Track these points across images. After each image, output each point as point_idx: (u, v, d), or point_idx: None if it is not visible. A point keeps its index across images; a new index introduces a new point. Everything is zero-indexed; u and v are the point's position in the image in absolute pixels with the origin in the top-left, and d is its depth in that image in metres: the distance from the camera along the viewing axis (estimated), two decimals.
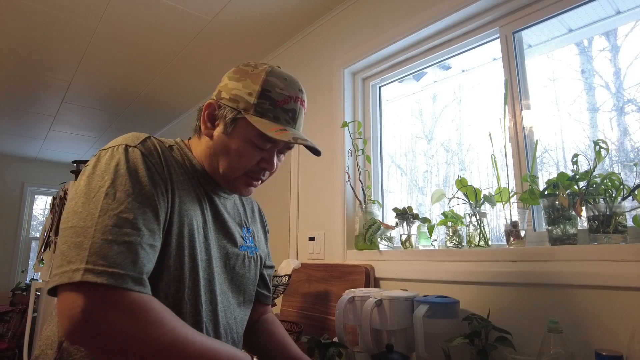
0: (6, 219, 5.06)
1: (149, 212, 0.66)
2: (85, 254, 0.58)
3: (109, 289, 0.57)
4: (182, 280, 0.72)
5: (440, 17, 1.49)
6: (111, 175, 0.66)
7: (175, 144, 0.84)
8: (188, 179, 0.80)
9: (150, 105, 3.35)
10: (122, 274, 0.58)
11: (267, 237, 1.08)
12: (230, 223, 0.88)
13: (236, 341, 0.85)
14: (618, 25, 1.26)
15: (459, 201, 1.37)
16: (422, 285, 1.36)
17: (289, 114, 0.80)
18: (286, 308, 1.76)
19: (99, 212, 0.62)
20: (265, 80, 0.78)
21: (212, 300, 0.78)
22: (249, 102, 0.77)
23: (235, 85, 0.80)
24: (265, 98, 0.77)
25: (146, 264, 0.63)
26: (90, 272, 0.57)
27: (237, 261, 0.87)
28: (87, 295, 0.56)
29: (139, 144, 0.72)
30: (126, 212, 0.63)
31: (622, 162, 1.20)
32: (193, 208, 0.77)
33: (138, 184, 0.67)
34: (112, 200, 0.63)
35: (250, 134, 0.78)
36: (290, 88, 0.80)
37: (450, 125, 1.79)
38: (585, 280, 0.99)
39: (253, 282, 0.93)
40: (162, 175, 0.72)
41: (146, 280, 0.63)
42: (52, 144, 4.54)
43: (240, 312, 0.88)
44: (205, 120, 0.82)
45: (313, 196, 1.97)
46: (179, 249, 0.72)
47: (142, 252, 0.62)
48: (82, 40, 2.30)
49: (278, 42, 2.34)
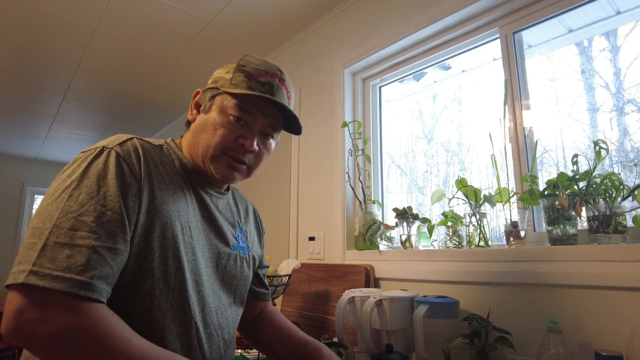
0: (6, 219, 5.07)
1: (111, 214, 0.64)
2: (34, 255, 0.58)
3: (49, 292, 0.56)
4: (167, 282, 0.71)
5: (440, 17, 1.49)
6: (79, 177, 0.66)
7: (165, 144, 0.84)
8: (176, 178, 0.79)
9: (150, 105, 3.35)
10: (66, 278, 0.57)
11: (261, 238, 1.07)
12: (222, 222, 0.87)
13: (227, 341, 0.84)
14: (618, 25, 1.26)
15: (459, 201, 1.37)
16: (422, 285, 1.36)
17: (265, 86, 0.80)
18: (286, 308, 1.76)
19: (58, 214, 0.61)
20: (241, 59, 0.82)
21: (201, 301, 0.77)
22: (226, 79, 0.81)
23: (218, 71, 0.85)
24: (240, 72, 0.80)
25: (99, 267, 0.61)
26: (35, 274, 0.56)
27: (229, 261, 0.86)
28: (25, 296, 0.56)
29: (117, 145, 0.71)
30: (85, 214, 0.62)
31: (622, 163, 1.20)
32: (177, 208, 0.76)
33: (104, 185, 0.66)
34: (74, 202, 0.63)
35: (227, 106, 0.79)
36: (267, 66, 0.82)
37: (450, 125, 1.79)
38: (585, 280, 0.99)
39: (245, 282, 0.92)
40: (136, 176, 0.70)
41: (97, 284, 0.60)
42: (52, 143, 4.54)
43: (232, 312, 0.87)
44: (191, 108, 0.86)
45: (313, 196, 1.97)
46: (162, 250, 0.71)
47: (94, 255, 0.61)
48: (82, 40, 2.30)
49: (278, 42, 2.34)
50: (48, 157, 5.21)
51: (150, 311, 0.69)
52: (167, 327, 0.70)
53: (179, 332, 0.72)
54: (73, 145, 4.57)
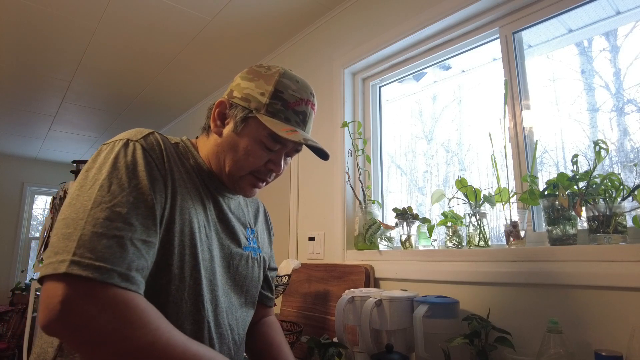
0: (6, 218, 5.06)
1: (144, 206, 0.65)
2: (73, 245, 0.57)
3: (93, 282, 0.56)
4: (182, 279, 0.71)
5: (440, 17, 1.49)
6: (108, 168, 0.65)
7: (181, 142, 0.84)
8: (191, 177, 0.80)
9: (150, 105, 3.35)
10: (108, 269, 0.57)
11: (271, 239, 1.07)
12: (234, 223, 0.87)
13: (237, 342, 0.84)
14: (618, 25, 1.26)
15: (458, 201, 1.37)
16: (421, 285, 1.36)
17: (300, 116, 0.80)
18: (286, 308, 1.76)
19: (92, 204, 0.61)
20: (278, 81, 0.78)
21: (214, 300, 0.77)
22: (261, 102, 0.77)
23: (247, 85, 0.80)
24: (278, 99, 0.77)
25: (136, 260, 0.61)
26: (76, 264, 0.56)
27: (241, 262, 0.86)
28: (70, 286, 0.55)
29: (141, 138, 0.72)
30: (119, 205, 0.62)
31: (622, 163, 1.20)
32: (194, 206, 0.76)
33: (135, 177, 0.66)
34: (106, 192, 0.62)
35: (261, 134, 0.78)
36: (303, 91, 0.81)
37: (450, 125, 1.79)
38: (585, 280, 0.99)
39: (256, 283, 0.92)
40: (162, 171, 0.71)
41: (135, 276, 0.60)
42: (52, 143, 4.54)
43: (242, 313, 0.88)
44: (215, 118, 0.82)
45: (313, 196, 1.97)
46: (181, 246, 0.71)
47: (131, 247, 0.61)
48: (82, 40, 2.30)
49: (278, 42, 2.34)
50: (48, 157, 5.21)
51: (165, 307, 0.69)
52: (180, 325, 0.70)
53: (192, 330, 0.72)
54: (73, 145, 4.57)
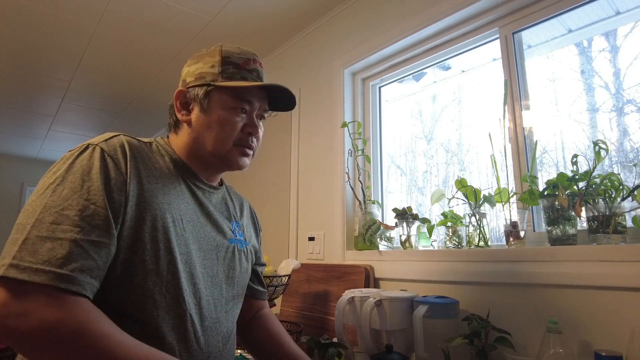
0: (6, 219, 5.06)
1: (95, 208, 0.65)
2: (15, 249, 0.58)
3: (30, 285, 0.56)
4: (159, 274, 0.71)
5: (440, 17, 1.49)
6: (63, 173, 0.67)
7: (155, 141, 0.86)
8: (167, 173, 0.80)
9: (150, 105, 3.35)
10: (46, 271, 0.57)
11: (258, 234, 1.08)
12: (217, 216, 0.88)
13: (226, 335, 0.84)
14: (618, 25, 1.26)
15: (458, 201, 1.37)
16: (421, 285, 1.36)
17: (254, 73, 0.85)
18: (286, 308, 1.76)
19: (41, 209, 0.62)
20: (221, 50, 0.84)
21: (197, 293, 0.77)
22: (215, 72, 0.82)
23: (196, 66, 0.85)
24: (228, 64, 0.83)
25: (81, 260, 0.61)
26: (15, 267, 0.57)
27: (227, 253, 0.87)
28: (6, 290, 0.56)
29: (103, 141, 0.73)
30: (68, 209, 0.63)
31: (622, 163, 1.20)
32: (169, 201, 0.76)
33: (88, 180, 0.66)
34: (57, 197, 0.64)
35: (226, 101, 0.82)
36: (246, 53, 0.87)
37: (450, 125, 1.79)
38: (584, 280, 0.99)
39: (244, 275, 0.93)
40: (121, 170, 0.71)
41: (79, 277, 0.60)
42: (51, 143, 4.54)
43: (231, 305, 0.87)
44: (179, 109, 0.86)
45: (313, 196, 1.97)
46: (154, 242, 0.71)
47: (77, 249, 0.61)
48: (81, 40, 2.30)
49: (278, 42, 2.34)
50: (48, 157, 5.21)
51: (143, 304, 0.69)
52: (161, 319, 0.71)
53: (174, 324, 0.72)
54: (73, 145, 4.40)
